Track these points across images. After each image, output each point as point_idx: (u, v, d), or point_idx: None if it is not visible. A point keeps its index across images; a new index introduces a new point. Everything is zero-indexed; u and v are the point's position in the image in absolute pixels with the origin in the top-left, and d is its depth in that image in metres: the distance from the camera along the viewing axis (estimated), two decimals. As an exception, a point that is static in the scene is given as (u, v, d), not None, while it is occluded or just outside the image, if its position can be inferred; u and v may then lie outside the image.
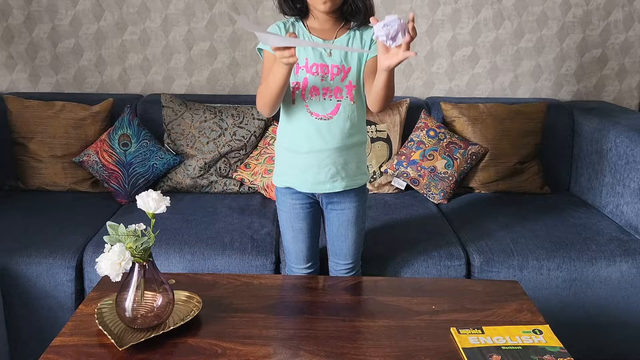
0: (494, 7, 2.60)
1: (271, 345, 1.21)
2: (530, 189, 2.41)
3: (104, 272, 1.16)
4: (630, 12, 2.62)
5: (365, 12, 1.47)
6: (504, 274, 1.88)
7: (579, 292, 1.89)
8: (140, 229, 1.20)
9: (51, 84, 2.64)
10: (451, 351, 1.20)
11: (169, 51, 2.61)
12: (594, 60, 2.68)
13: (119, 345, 1.15)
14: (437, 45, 2.64)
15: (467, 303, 1.39)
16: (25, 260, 1.83)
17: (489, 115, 2.41)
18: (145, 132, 2.33)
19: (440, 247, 1.93)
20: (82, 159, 2.29)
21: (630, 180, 2.07)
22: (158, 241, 1.25)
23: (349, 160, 1.57)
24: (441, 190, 2.30)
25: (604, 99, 2.74)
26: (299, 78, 1.49)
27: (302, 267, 1.70)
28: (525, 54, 2.66)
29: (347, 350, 1.20)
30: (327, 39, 1.50)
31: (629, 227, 2.07)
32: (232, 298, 1.39)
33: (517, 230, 2.04)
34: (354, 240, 1.67)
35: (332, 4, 1.43)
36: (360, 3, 1.46)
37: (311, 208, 1.64)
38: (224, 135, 2.33)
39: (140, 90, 2.66)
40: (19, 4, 2.53)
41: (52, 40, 2.58)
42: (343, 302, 1.41)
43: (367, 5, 1.47)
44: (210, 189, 2.35)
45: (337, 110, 1.51)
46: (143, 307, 1.21)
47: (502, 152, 2.38)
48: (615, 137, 2.18)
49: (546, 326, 1.28)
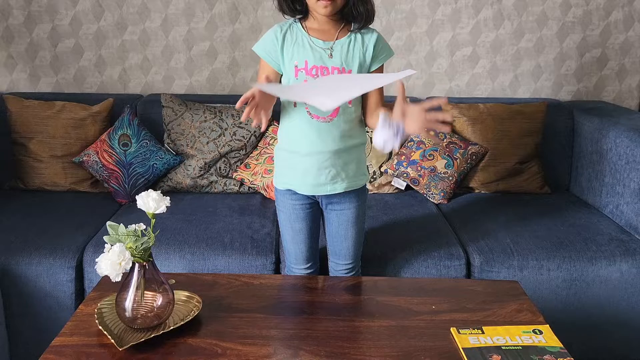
0: (494, 7, 2.60)
1: (271, 345, 1.21)
2: (530, 189, 2.41)
3: (104, 272, 1.16)
4: (630, 12, 2.62)
5: (367, 16, 1.47)
6: (504, 274, 1.88)
7: (579, 292, 1.89)
8: (140, 229, 1.20)
9: (51, 84, 2.64)
10: (451, 351, 1.20)
11: (169, 51, 2.61)
12: (594, 60, 2.68)
13: (119, 345, 1.15)
14: (437, 45, 2.64)
15: (467, 303, 1.39)
16: (25, 260, 1.83)
17: (488, 115, 2.40)
18: (145, 132, 2.33)
19: (440, 247, 1.93)
20: (82, 159, 2.29)
21: (630, 180, 2.07)
22: (158, 241, 1.25)
23: (348, 162, 1.57)
24: (441, 190, 2.30)
25: (604, 99, 2.74)
26: (298, 80, 1.49)
27: (302, 267, 1.70)
28: (525, 54, 2.66)
29: (347, 350, 1.20)
30: (327, 40, 1.50)
31: (629, 227, 2.07)
32: (232, 298, 1.39)
33: (517, 230, 2.04)
34: (354, 240, 1.67)
35: (332, 9, 1.43)
36: (362, 7, 1.45)
37: (311, 208, 1.64)
38: (224, 135, 2.33)
39: (140, 90, 2.66)
40: (19, 4, 2.53)
41: (52, 40, 2.58)
42: (343, 302, 1.41)
43: (368, 10, 1.47)
44: (210, 189, 2.35)
45: (336, 113, 1.51)
46: (143, 307, 1.21)
47: (502, 152, 2.38)
48: (615, 137, 2.18)
49: (546, 326, 1.28)
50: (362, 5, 1.45)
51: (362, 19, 1.47)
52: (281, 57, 1.51)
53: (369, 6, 1.46)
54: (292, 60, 1.49)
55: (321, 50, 1.49)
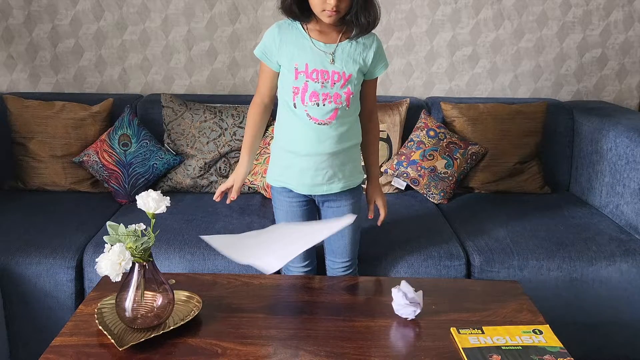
0: (494, 7, 2.60)
1: (271, 345, 1.21)
2: (530, 189, 2.41)
3: (104, 272, 1.16)
4: (630, 12, 2.62)
5: (367, 27, 1.47)
6: (504, 274, 1.88)
7: (579, 292, 1.89)
8: (140, 229, 1.20)
9: (51, 84, 2.64)
10: (451, 351, 1.20)
11: (169, 51, 2.61)
12: (594, 60, 2.68)
13: (119, 345, 1.15)
14: (437, 45, 2.64)
15: (467, 303, 1.39)
16: (25, 260, 1.83)
17: (489, 115, 2.40)
18: (145, 132, 2.33)
19: (440, 247, 1.93)
20: (82, 159, 2.29)
21: (630, 180, 2.07)
22: (158, 241, 1.25)
23: (345, 162, 1.58)
24: (441, 190, 2.30)
25: (604, 99, 2.74)
26: (299, 83, 1.49)
27: (300, 265, 1.70)
28: (525, 54, 2.66)
29: (347, 350, 1.20)
30: (329, 42, 1.50)
31: (629, 227, 2.07)
32: (232, 298, 1.39)
33: (517, 230, 2.04)
34: (351, 238, 1.68)
35: (336, 18, 1.44)
36: (363, 19, 1.45)
37: (307, 206, 1.65)
38: (224, 135, 2.33)
39: (140, 90, 2.66)
40: (19, 4, 2.53)
41: (52, 40, 2.58)
42: (343, 302, 1.41)
43: (369, 21, 1.46)
44: (210, 189, 2.35)
45: (335, 115, 1.51)
46: (143, 307, 1.21)
47: (502, 152, 2.39)
48: (615, 137, 2.18)
49: (546, 326, 1.28)
50: (364, 17, 1.45)
51: (363, 28, 1.48)
52: (279, 57, 1.51)
53: (370, 18, 1.46)
54: (292, 62, 1.49)
55: (323, 53, 1.49)
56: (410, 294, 1.30)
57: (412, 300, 1.29)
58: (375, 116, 1.67)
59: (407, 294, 1.30)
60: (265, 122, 1.64)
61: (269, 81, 1.58)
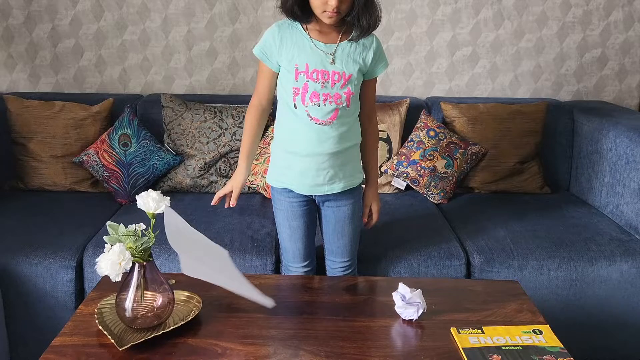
0: (494, 7, 2.60)
1: (271, 345, 1.21)
2: (530, 189, 2.41)
3: (104, 272, 1.16)
4: (630, 12, 2.62)
5: (367, 29, 1.47)
6: (504, 274, 1.88)
7: (579, 292, 1.89)
8: (140, 229, 1.20)
9: (51, 84, 2.64)
10: (451, 351, 1.20)
11: (169, 51, 2.61)
12: (594, 60, 2.68)
13: (119, 345, 1.15)
14: (437, 45, 2.64)
15: (467, 303, 1.39)
16: (25, 260, 1.83)
17: (488, 115, 2.40)
18: (145, 132, 2.33)
19: (440, 247, 1.93)
20: (82, 159, 2.29)
21: (630, 180, 2.07)
22: (158, 241, 1.24)
23: (346, 162, 1.58)
24: (441, 190, 2.30)
25: (604, 99, 2.74)
26: (299, 83, 1.49)
27: (300, 265, 1.71)
28: (525, 54, 2.66)
29: (347, 350, 1.20)
30: (329, 42, 1.50)
31: (629, 227, 2.07)
32: (232, 298, 1.38)
33: (517, 230, 2.04)
34: (351, 238, 1.68)
35: (337, 19, 1.44)
36: (364, 21, 1.45)
37: (307, 206, 1.65)
38: (224, 135, 2.33)
39: (140, 90, 2.66)
40: (19, 4, 2.53)
41: (52, 40, 2.58)
42: (343, 302, 1.41)
43: (369, 24, 1.46)
44: (210, 189, 2.35)
45: (336, 116, 1.51)
46: (143, 307, 1.21)
47: (502, 152, 2.38)
48: (615, 137, 2.18)
49: (546, 326, 1.28)
50: (365, 19, 1.45)
51: (364, 30, 1.48)
52: (279, 57, 1.51)
53: (371, 20, 1.46)
54: (292, 62, 1.49)
55: (323, 53, 1.49)
56: (407, 294, 1.30)
57: (410, 301, 1.29)
58: (375, 117, 1.67)
59: (405, 295, 1.30)
60: (262, 126, 1.64)
61: (268, 82, 1.58)
